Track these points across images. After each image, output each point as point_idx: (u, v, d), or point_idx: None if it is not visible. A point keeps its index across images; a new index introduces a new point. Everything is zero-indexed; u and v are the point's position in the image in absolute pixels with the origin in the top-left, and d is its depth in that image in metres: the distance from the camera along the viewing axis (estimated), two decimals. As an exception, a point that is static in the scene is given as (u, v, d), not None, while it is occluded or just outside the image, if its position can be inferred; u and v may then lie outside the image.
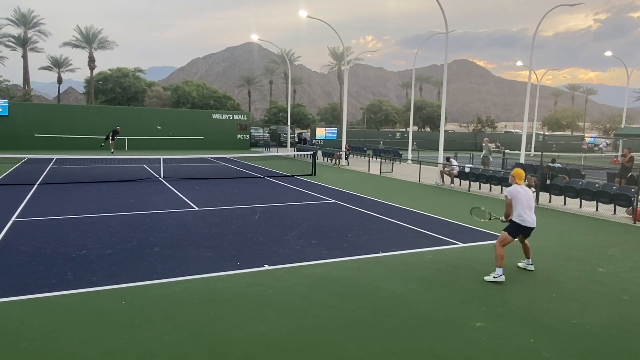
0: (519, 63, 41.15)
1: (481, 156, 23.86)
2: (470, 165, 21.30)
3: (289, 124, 40.94)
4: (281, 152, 35.78)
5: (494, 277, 7.08)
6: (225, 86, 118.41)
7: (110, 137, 30.46)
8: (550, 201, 15.20)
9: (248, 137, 42.76)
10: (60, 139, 34.75)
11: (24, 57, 64.05)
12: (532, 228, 7.36)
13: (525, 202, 7.23)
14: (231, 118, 42.20)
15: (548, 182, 15.38)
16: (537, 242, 9.76)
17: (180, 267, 7.48)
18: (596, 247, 9.64)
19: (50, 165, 22.39)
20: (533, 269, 7.74)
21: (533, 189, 15.36)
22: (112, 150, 29.76)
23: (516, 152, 33.44)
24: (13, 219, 10.66)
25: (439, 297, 6.47)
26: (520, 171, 7.57)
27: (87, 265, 7.43)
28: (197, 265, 7.60)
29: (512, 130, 72.51)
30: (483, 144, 23.79)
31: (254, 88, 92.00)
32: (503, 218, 7.60)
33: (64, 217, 11.05)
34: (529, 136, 35.77)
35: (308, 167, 22.59)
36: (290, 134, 43.41)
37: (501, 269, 7.10)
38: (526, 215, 7.23)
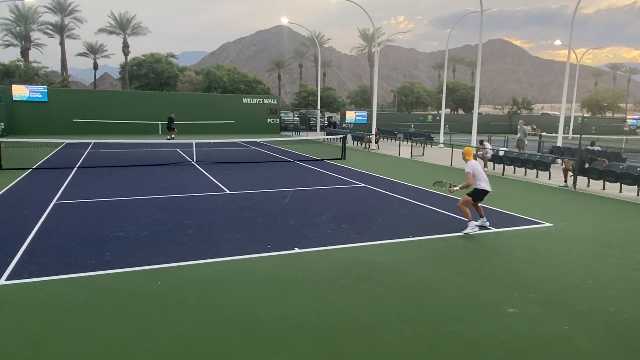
0: (558, 42, 39.53)
1: (516, 139, 23.23)
2: (505, 149, 20.78)
3: (318, 107, 40.84)
4: (311, 136, 35.79)
5: (471, 228, 8.71)
6: (255, 70, 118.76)
7: (170, 127, 30.06)
8: (588, 185, 14.70)
9: (278, 121, 42.94)
10: (97, 123, 35.81)
11: (62, 44, 65.93)
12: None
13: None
14: (261, 102, 42.42)
15: (587, 165, 14.85)
16: (574, 228, 9.50)
17: (213, 249, 7.65)
18: (636, 233, 9.29)
19: (87, 150, 23.13)
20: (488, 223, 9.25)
21: (571, 173, 14.89)
22: (172, 137, 28.81)
23: (553, 134, 32.38)
24: (54, 201, 11.11)
25: (470, 283, 6.40)
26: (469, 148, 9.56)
27: (124, 246, 7.69)
28: (229, 247, 7.75)
29: (549, 112, 70.20)
30: (518, 127, 23.13)
31: (284, 72, 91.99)
32: (458, 188, 9.24)
33: (101, 199, 11.44)
34: (567, 118, 34.54)
35: (338, 150, 22.54)
36: (320, 118, 43.31)
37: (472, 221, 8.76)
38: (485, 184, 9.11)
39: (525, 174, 17.14)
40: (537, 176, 16.64)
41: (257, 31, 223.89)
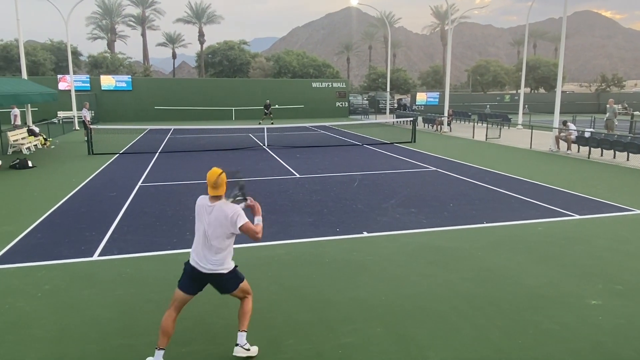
0: (656, 10, 35.47)
1: (604, 119, 21.47)
2: (591, 130, 19.29)
3: (388, 89, 40.16)
4: (380, 119, 35.37)
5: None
6: (324, 54, 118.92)
7: (267, 112, 31.85)
8: (689, 169, 13.32)
9: (347, 105, 42.81)
10: (176, 110, 37.77)
11: (143, 35, 69.86)
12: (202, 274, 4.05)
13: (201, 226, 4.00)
14: (330, 86, 42.45)
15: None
16: (671, 216, 8.67)
17: (284, 231, 7.86)
18: None
19: (168, 135, 24.50)
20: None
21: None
22: (261, 122, 30.23)
23: (648, 113, 29.53)
24: (139, 183, 11.93)
25: (550, 272, 6.07)
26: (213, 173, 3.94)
27: (202, 226, 8.10)
28: (299, 230, 7.93)
29: (644, 89, 63.97)
30: (607, 106, 21.34)
31: (353, 54, 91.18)
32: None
33: (181, 182, 12.12)
34: (666, 95, 31.30)
35: (408, 134, 22.11)
36: (390, 100, 42.62)
37: (161, 351, 3.96)
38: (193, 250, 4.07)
39: (614, 157, 15.83)
40: (627, 159, 15.32)
41: (327, 14, 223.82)
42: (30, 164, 14.42)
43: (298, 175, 12.99)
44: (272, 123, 28.94)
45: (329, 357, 4.17)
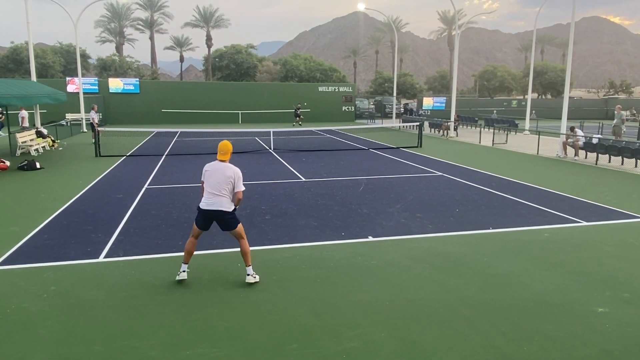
0: (665, 16, 35.28)
1: (612, 125, 21.34)
2: (599, 136, 19.16)
3: (394, 94, 40.13)
4: (386, 123, 35.34)
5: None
6: (331, 58, 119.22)
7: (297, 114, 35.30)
8: (698, 177, 13.19)
9: (353, 109, 42.83)
10: (183, 113, 37.94)
11: (151, 38, 70.45)
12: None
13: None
14: (337, 90, 42.49)
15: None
16: (679, 223, 8.58)
17: (289, 234, 7.86)
18: None
19: (175, 138, 24.61)
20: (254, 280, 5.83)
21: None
22: (300, 124, 34.60)
23: (657, 120, 29.29)
24: (146, 186, 11.98)
25: (556, 279, 6.03)
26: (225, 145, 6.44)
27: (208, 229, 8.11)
28: (304, 233, 7.93)
29: (653, 95, 63.56)
30: (615, 112, 21.21)
31: (360, 59, 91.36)
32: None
33: (187, 185, 12.15)
34: (675, 101, 31.10)
35: (414, 138, 22.08)
36: (396, 105, 42.58)
37: (185, 265, 5.94)
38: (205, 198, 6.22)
39: (622, 164, 15.73)
40: (635, 166, 15.21)
41: (334, 18, 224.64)
42: (38, 165, 14.53)
43: (304, 179, 13.00)
44: (300, 125, 33.51)
45: (333, 361, 4.15)
